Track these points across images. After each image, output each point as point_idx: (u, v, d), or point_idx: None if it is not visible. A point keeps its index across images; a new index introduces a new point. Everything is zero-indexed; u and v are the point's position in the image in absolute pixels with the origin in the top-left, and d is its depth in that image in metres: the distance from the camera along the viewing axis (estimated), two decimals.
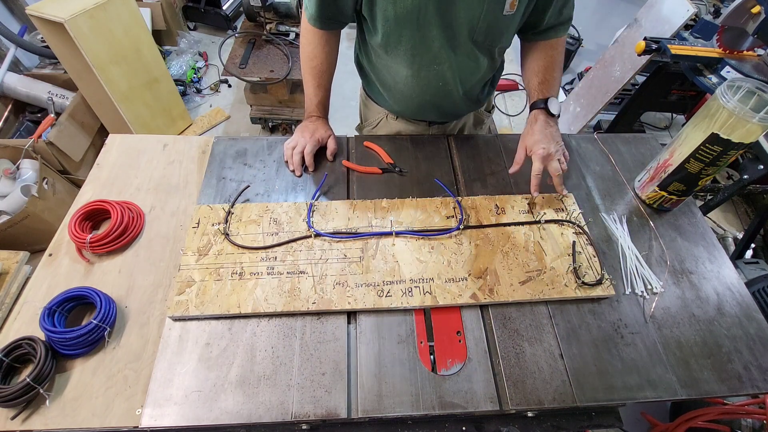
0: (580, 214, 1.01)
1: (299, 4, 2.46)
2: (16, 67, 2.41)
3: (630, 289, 0.92)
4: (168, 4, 3.00)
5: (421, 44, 0.98)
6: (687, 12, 1.97)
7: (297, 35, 2.50)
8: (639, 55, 1.98)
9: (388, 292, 0.87)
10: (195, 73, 3.03)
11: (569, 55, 3.35)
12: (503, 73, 1.39)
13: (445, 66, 1.04)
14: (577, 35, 3.38)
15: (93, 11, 1.94)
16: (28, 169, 2.00)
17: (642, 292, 0.92)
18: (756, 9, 1.59)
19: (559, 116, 1.04)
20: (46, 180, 1.95)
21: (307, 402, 0.76)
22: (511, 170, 1.03)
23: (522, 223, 0.99)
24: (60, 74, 2.31)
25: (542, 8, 0.98)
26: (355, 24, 1.08)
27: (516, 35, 1.09)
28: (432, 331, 0.85)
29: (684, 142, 0.96)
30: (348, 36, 3.61)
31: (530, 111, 1.06)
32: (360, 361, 0.81)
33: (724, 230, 2.29)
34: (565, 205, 1.03)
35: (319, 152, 1.14)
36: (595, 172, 1.15)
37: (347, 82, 3.28)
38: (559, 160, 0.99)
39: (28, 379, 0.72)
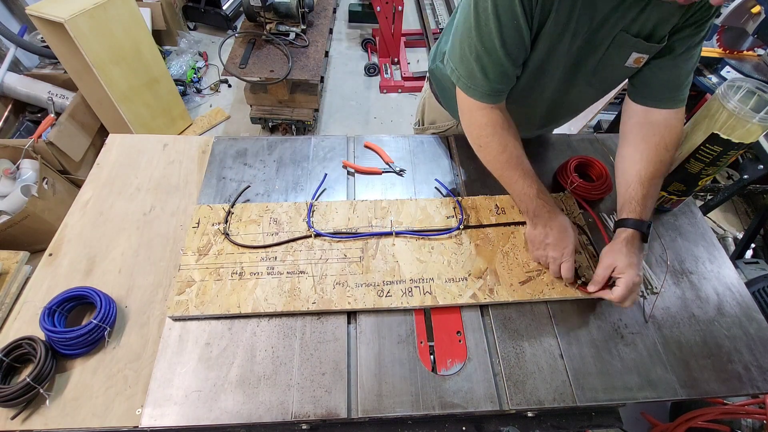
0: (581, 214, 1.01)
1: (299, 5, 2.46)
2: (16, 67, 2.41)
3: None
4: (168, 4, 2.99)
5: (538, 86, 0.94)
6: None
7: (297, 35, 2.50)
8: None
9: (388, 292, 0.87)
10: (195, 73, 3.03)
11: None
12: None
13: (545, 102, 1.01)
14: None
15: (93, 11, 1.94)
16: (28, 169, 2.00)
17: (642, 292, 0.92)
18: (756, 9, 1.59)
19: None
20: (46, 180, 1.95)
21: (307, 402, 0.76)
22: (591, 288, 0.85)
23: (522, 223, 0.99)
24: (60, 74, 2.31)
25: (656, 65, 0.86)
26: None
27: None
28: (432, 331, 0.85)
29: (684, 142, 0.96)
30: (348, 36, 3.65)
31: (624, 227, 0.85)
32: (360, 361, 0.81)
33: (724, 230, 2.29)
34: (565, 205, 1.03)
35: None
36: None
37: (347, 82, 3.29)
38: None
39: (28, 379, 0.72)
